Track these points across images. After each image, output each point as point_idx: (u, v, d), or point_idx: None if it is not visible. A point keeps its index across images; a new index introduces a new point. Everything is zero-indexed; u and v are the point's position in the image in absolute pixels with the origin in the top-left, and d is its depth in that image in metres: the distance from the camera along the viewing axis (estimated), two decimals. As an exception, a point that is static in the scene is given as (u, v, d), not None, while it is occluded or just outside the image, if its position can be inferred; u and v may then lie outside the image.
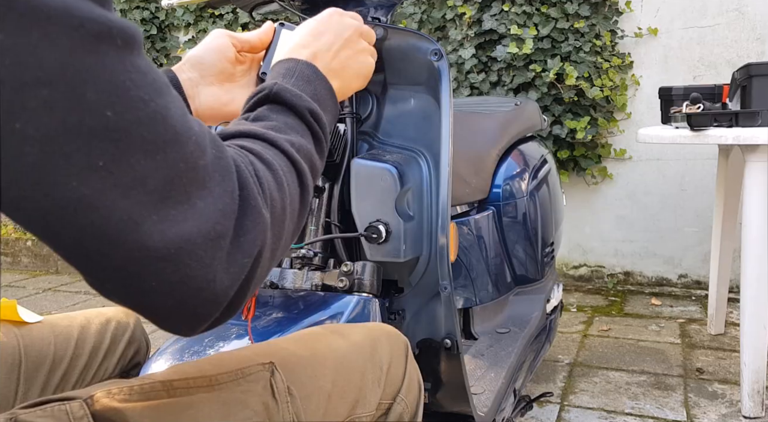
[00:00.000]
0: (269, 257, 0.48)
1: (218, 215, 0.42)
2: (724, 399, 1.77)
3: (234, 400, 0.54)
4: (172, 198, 0.40)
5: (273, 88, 0.57)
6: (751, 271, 1.65)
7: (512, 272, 1.61)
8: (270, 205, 0.47)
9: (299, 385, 0.58)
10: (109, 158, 0.37)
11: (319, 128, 0.57)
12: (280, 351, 0.61)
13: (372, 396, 0.65)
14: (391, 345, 0.71)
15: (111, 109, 0.36)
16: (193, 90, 0.73)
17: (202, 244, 0.41)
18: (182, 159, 0.40)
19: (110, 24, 0.37)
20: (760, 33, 2.49)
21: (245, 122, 0.55)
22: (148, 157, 0.38)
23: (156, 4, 3.32)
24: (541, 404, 1.76)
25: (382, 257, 0.99)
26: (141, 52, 0.40)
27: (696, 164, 2.64)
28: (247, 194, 0.45)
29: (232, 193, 0.44)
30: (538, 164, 1.72)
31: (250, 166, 0.47)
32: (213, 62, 0.74)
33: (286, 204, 0.49)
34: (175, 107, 0.41)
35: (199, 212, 0.41)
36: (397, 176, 0.99)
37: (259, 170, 0.48)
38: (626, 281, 2.85)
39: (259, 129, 0.52)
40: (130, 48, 0.38)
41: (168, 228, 0.39)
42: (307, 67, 0.61)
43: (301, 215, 0.53)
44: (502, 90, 2.73)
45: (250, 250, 0.44)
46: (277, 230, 0.48)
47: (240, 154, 0.48)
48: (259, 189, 0.46)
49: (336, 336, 0.68)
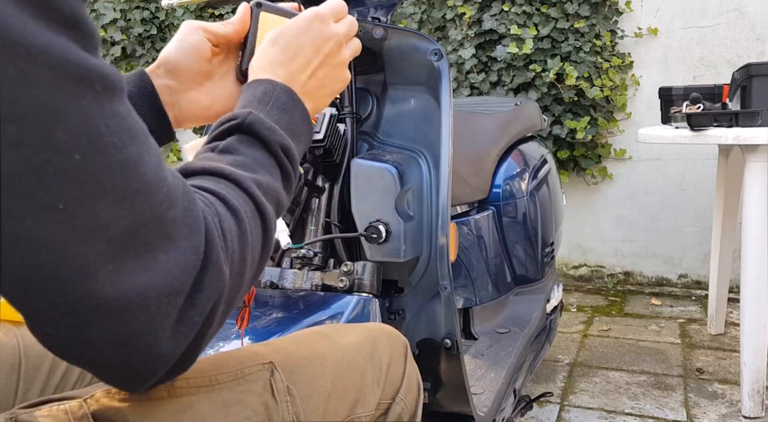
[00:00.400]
0: (223, 311, 0.46)
1: (179, 270, 0.40)
2: (724, 399, 1.77)
3: (234, 400, 0.54)
4: (133, 248, 0.38)
5: (246, 118, 0.53)
6: (751, 271, 1.65)
7: (512, 272, 1.61)
8: (230, 259, 0.45)
9: (299, 385, 0.58)
10: (70, 201, 0.36)
11: (289, 164, 0.55)
12: (279, 350, 0.61)
13: (371, 396, 0.65)
14: (391, 345, 0.70)
15: (80, 152, 0.35)
16: (172, 98, 0.68)
17: (155, 299, 0.39)
18: (149, 209, 0.39)
19: (91, 68, 0.36)
20: (760, 33, 2.49)
21: (213, 154, 0.52)
22: (114, 204, 0.37)
23: (156, 4, 3.32)
24: (541, 404, 1.76)
25: (382, 257, 0.99)
26: (122, 99, 0.39)
27: (696, 164, 2.64)
28: (210, 249, 0.43)
29: (197, 248, 0.42)
30: (538, 164, 1.73)
31: (215, 217, 0.45)
32: (190, 66, 0.68)
33: (247, 255, 0.47)
34: (150, 156, 0.40)
35: (159, 265, 0.39)
36: (397, 176, 0.99)
37: (225, 221, 0.46)
38: (626, 281, 2.85)
39: (227, 167, 0.50)
40: (109, 94, 0.37)
41: (122, 279, 0.38)
42: (284, 93, 0.58)
43: (261, 260, 0.50)
44: (502, 90, 2.73)
45: (203, 307, 0.43)
46: (235, 283, 0.46)
47: (206, 202, 0.46)
48: (223, 244, 0.44)
49: (336, 336, 0.68)
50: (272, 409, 0.55)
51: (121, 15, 3.35)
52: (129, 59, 3.43)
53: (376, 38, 1.04)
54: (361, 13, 1.08)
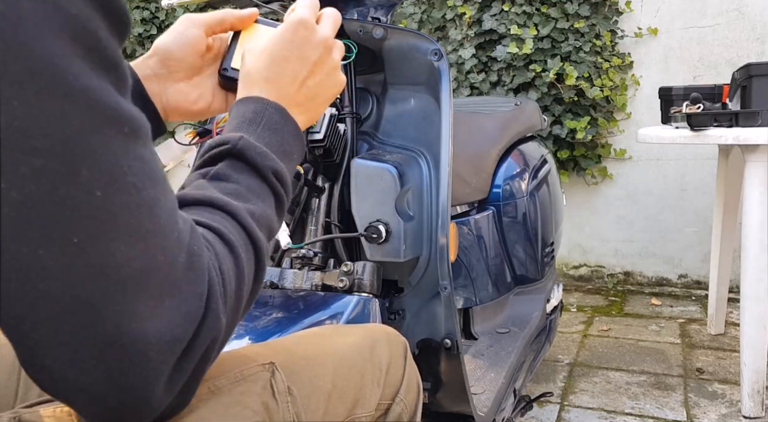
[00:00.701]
0: (217, 351, 0.46)
1: (182, 318, 0.40)
2: (724, 399, 1.77)
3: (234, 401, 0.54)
4: (144, 292, 0.38)
5: (237, 144, 0.53)
6: (751, 271, 1.65)
7: (512, 272, 1.61)
8: (228, 304, 0.45)
9: (299, 385, 0.58)
10: (85, 237, 0.36)
11: (281, 189, 0.55)
12: (280, 351, 0.61)
13: (371, 397, 0.65)
14: (391, 346, 0.71)
15: (101, 190, 0.36)
16: (159, 87, 0.68)
17: (156, 346, 0.39)
18: (162, 253, 0.39)
19: (122, 111, 0.37)
20: (760, 33, 2.49)
21: (204, 181, 0.52)
22: (128, 245, 0.37)
23: (156, 4, 3.32)
24: (541, 404, 1.76)
25: (382, 257, 0.99)
26: (146, 142, 0.39)
27: (696, 164, 2.64)
28: (210, 297, 0.43)
29: (201, 296, 0.41)
30: (538, 164, 1.72)
31: (215, 259, 0.45)
32: (183, 58, 0.68)
33: (243, 293, 0.47)
34: (166, 199, 0.40)
35: (165, 312, 0.39)
36: (397, 176, 0.99)
37: (223, 262, 0.45)
38: (626, 281, 2.85)
39: (221, 198, 0.49)
40: (135, 136, 0.38)
41: (128, 321, 0.37)
42: (275, 113, 0.57)
43: (253, 292, 0.50)
44: (502, 90, 2.73)
45: (198, 355, 0.42)
46: (230, 323, 0.46)
47: (206, 241, 0.45)
48: (222, 290, 0.44)
49: (336, 336, 0.68)
50: (273, 409, 0.55)
51: (121, 15, 3.36)
52: (129, 59, 3.40)
53: (376, 38, 1.04)
54: (361, 13, 1.08)
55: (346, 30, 1.05)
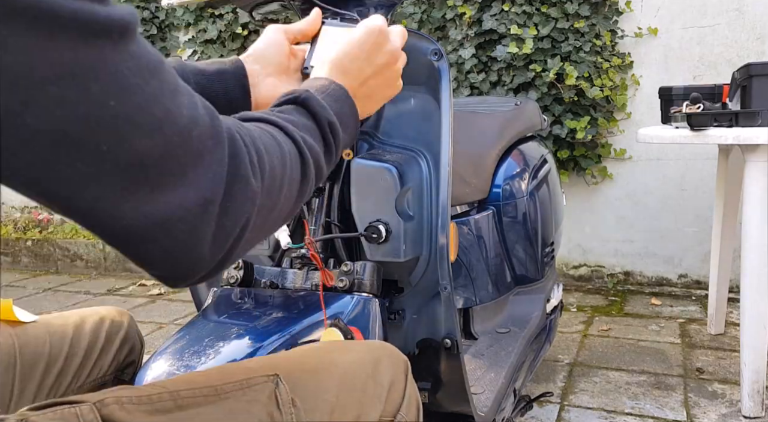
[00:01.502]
0: (258, 226, 0.50)
1: (209, 182, 0.45)
2: (724, 399, 1.77)
3: (239, 409, 0.55)
4: (168, 172, 0.43)
5: (303, 94, 0.60)
6: (751, 271, 1.65)
7: (512, 272, 1.61)
8: (261, 176, 0.49)
9: (303, 398, 0.59)
10: (112, 143, 0.40)
11: (333, 140, 0.61)
12: (284, 363, 0.63)
13: (373, 412, 0.66)
14: (392, 363, 0.72)
15: (114, 98, 0.40)
16: (255, 79, 0.78)
17: (193, 210, 0.44)
18: (177, 134, 0.43)
19: (109, 20, 0.40)
20: (760, 33, 2.49)
21: (269, 112, 0.58)
22: (148, 137, 0.41)
23: (156, 4, 3.32)
24: (541, 404, 1.76)
25: (382, 257, 0.99)
26: (135, 37, 0.42)
27: (696, 164, 2.64)
28: (239, 162, 0.47)
29: (221, 160, 0.46)
30: (538, 163, 1.72)
31: (251, 138, 0.50)
32: (272, 55, 0.80)
33: (285, 182, 0.52)
34: (167, 84, 0.44)
35: (190, 180, 0.44)
36: (397, 176, 0.99)
37: (266, 144, 0.51)
38: (626, 281, 2.85)
39: (279, 120, 0.56)
40: (125, 38, 0.41)
41: (163, 199, 0.43)
42: (338, 90, 0.65)
43: (297, 200, 0.55)
44: (502, 90, 2.73)
45: (237, 217, 0.47)
46: (268, 202, 0.50)
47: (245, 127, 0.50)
48: (253, 159, 0.49)
49: (339, 352, 0.70)
50: (277, 419, 0.56)
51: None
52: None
53: None
54: (361, 13, 1.08)
55: (346, 30, 1.05)
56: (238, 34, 3.13)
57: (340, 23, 0.83)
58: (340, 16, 0.94)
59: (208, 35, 3.19)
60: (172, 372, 0.75)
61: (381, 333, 0.95)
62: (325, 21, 0.82)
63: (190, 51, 3.30)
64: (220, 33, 3.18)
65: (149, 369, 0.77)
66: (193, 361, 0.76)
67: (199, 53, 3.25)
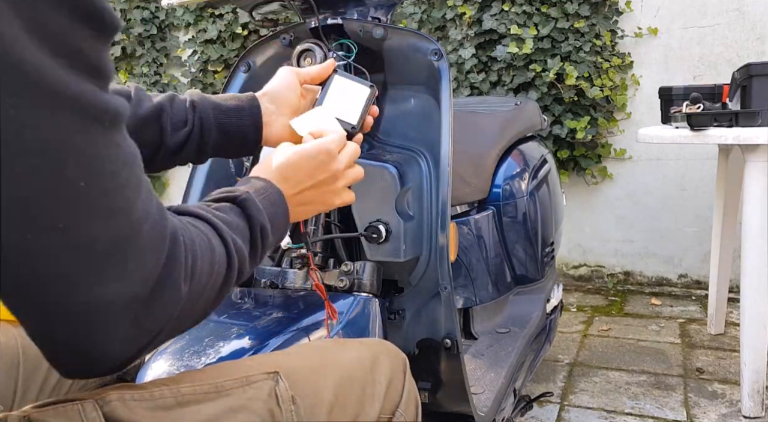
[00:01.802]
0: (173, 329, 0.50)
1: (141, 278, 0.45)
2: (724, 399, 1.77)
3: (240, 406, 0.56)
4: (111, 259, 0.43)
5: (242, 195, 0.61)
6: (751, 271, 1.65)
7: (512, 272, 1.61)
8: (191, 281, 0.49)
9: (303, 395, 0.60)
10: (69, 222, 0.41)
11: (260, 244, 0.61)
12: (284, 361, 0.63)
13: (372, 410, 0.67)
14: (391, 361, 0.73)
15: (85, 180, 0.41)
16: (269, 118, 0.83)
17: (119, 305, 0.44)
18: (129, 225, 0.44)
19: (104, 106, 0.41)
20: (760, 33, 2.49)
21: (205, 207, 0.59)
22: (104, 222, 0.42)
23: (156, 4, 3.32)
24: (541, 404, 1.76)
25: (382, 257, 0.99)
26: (122, 127, 0.44)
27: (696, 164, 2.64)
28: (175, 264, 0.47)
29: (159, 260, 0.46)
30: (538, 163, 1.72)
31: (191, 241, 0.50)
32: (287, 96, 0.85)
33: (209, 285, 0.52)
34: (134, 176, 0.45)
35: (128, 275, 0.44)
36: (397, 176, 0.99)
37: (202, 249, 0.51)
38: (626, 281, 2.85)
39: (215, 219, 0.56)
40: (114, 126, 0.43)
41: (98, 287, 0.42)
42: (275, 194, 0.67)
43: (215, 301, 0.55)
44: (502, 90, 2.73)
45: (158, 318, 0.47)
46: (188, 305, 0.50)
47: (185, 227, 0.51)
48: (188, 263, 0.49)
49: (338, 350, 0.71)
50: (277, 416, 0.57)
51: (121, 15, 3.35)
52: (129, 59, 3.43)
53: (376, 38, 1.04)
54: (362, 13, 1.08)
55: (346, 30, 1.05)
56: (238, 34, 3.13)
57: (351, 76, 0.88)
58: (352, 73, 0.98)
59: (208, 35, 3.19)
60: (172, 371, 0.75)
61: (381, 332, 0.95)
62: (337, 70, 0.88)
63: (190, 51, 3.30)
64: (220, 33, 3.18)
65: (150, 369, 0.77)
66: (193, 361, 0.76)
67: (199, 53, 3.25)
